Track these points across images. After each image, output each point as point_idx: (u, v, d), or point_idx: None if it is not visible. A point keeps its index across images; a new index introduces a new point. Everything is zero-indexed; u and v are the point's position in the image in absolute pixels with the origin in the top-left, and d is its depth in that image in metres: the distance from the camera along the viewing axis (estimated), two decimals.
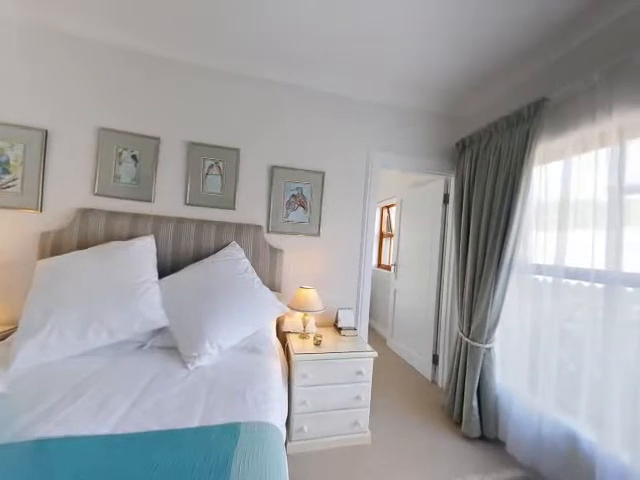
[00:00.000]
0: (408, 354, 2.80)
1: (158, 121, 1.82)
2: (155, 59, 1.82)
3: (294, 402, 1.49)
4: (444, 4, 1.34)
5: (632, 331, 1.11)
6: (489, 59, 1.70)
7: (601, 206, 1.26)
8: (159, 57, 1.82)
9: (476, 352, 1.73)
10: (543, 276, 1.52)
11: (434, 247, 2.50)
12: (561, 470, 1.33)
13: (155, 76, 1.82)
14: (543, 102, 1.47)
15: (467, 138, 2.04)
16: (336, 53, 1.74)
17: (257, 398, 1.04)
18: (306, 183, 2.04)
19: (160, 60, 1.82)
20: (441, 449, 1.62)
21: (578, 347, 1.34)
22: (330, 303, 2.01)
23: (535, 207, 1.59)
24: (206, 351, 1.26)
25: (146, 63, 1.80)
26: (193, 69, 1.87)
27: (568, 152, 1.43)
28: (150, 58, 1.81)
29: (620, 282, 1.16)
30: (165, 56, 1.82)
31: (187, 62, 1.86)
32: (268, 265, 1.89)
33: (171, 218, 1.78)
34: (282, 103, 2.02)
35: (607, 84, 1.23)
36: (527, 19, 1.39)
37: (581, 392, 1.31)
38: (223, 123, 1.92)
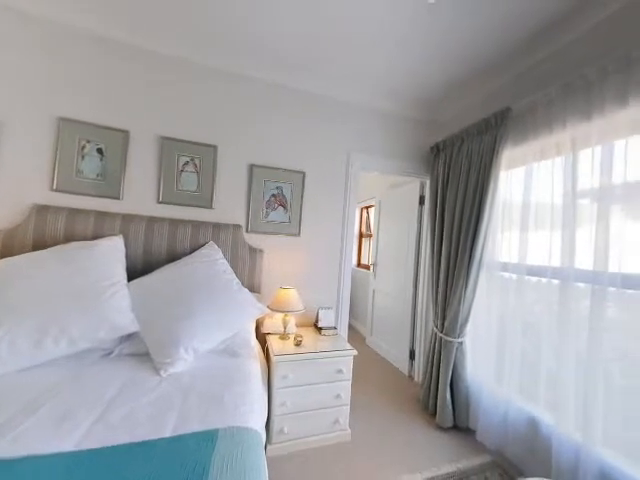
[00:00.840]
0: (386, 351, 2.88)
1: (127, 113, 1.71)
2: (125, 46, 1.70)
3: (274, 404, 1.47)
4: (416, 18, 1.39)
5: (582, 323, 1.23)
6: (461, 69, 1.80)
7: (557, 209, 1.38)
8: (129, 44, 1.71)
9: (449, 346, 1.82)
10: (509, 273, 1.63)
11: (411, 247, 2.59)
12: (524, 453, 1.44)
13: (123, 65, 1.70)
14: (507, 112, 1.58)
15: (441, 142, 2.14)
16: (317, 54, 1.75)
17: (236, 402, 1.01)
18: (287, 183, 2.02)
19: (129, 47, 1.71)
20: (417, 441, 1.68)
21: (538, 339, 1.46)
22: (311, 303, 2.01)
23: (501, 209, 1.70)
24: (180, 356, 1.20)
25: (112, 49, 1.68)
26: (166, 60, 1.78)
27: (529, 159, 1.56)
28: (117, 44, 1.69)
29: (573, 278, 1.28)
30: (135, 44, 1.71)
31: (160, 52, 1.76)
32: (247, 266, 1.85)
33: (142, 217, 1.68)
34: (263, 101, 1.99)
35: (562, 98, 1.35)
36: (495, 35, 1.49)
37: (540, 380, 1.43)
38: (199, 119, 1.85)
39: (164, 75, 1.78)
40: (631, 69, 1.11)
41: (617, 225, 1.15)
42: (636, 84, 1.09)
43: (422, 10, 1.37)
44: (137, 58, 1.73)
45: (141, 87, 1.74)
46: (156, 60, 1.76)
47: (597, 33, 1.32)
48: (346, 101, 2.19)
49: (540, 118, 1.47)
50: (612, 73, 1.16)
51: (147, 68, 1.75)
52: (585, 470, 1.16)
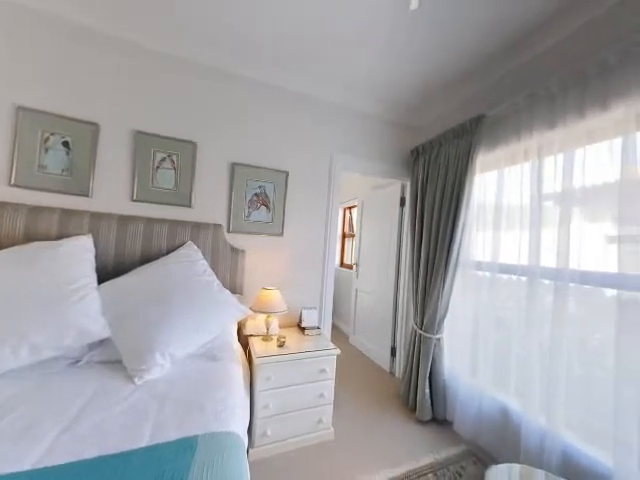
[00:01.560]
0: (369, 349, 2.93)
1: (96, 105, 1.60)
2: (95, 33, 1.59)
3: (257, 407, 1.44)
4: (398, 24, 1.44)
5: (546, 316, 1.33)
6: (439, 76, 1.88)
7: (525, 211, 1.48)
8: (100, 31, 1.60)
9: (428, 342, 1.89)
10: (482, 271, 1.72)
11: (392, 247, 2.66)
12: (496, 440, 1.53)
13: (92, 52, 1.59)
14: (481, 118, 1.67)
15: (421, 146, 2.21)
16: (300, 54, 1.75)
17: (216, 407, 0.98)
18: (269, 182, 2.00)
19: (100, 35, 1.60)
20: (398, 435, 1.73)
21: (508, 332, 1.56)
22: (294, 303, 2.00)
23: (476, 211, 1.79)
24: (156, 362, 1.14)
25: (82, 35, 1.57)
26: (142, 51, 1.69)
27: (501, 164, 1.65)
28: (88, 30, 1.58)
29: (539, 275, 1.38)
30: (107, 31, 1.61)
31: (135, 42, 1.67)
32: (229, 266, 1.80)
33: (114, 215, 1.58)
34: (245, 99, 1.95)
35: (529, 108, 1.45)
36: (470, 45, 1.57)
37: (510, 371, 1.52)
38: (178, 114, 1.77)
39: (140, 66, 1.69)
40: (587, 84, 1.22)
41: (577, 226, 1.25)
42: (591, 98, 1.20)
43: (404, 17, 1.42)
44: (109, 46, 1.62)
45: (113, 78, 1.64)
46: (131, 50, 1.67)
47: (560, 48, 1.43)
48: (330, 102, 2.21)
49: (510, 125, 1.56)
50: (571, 87, 1.27)
51: (121, 57, 1.65)
52: (550, 452, 1.25)
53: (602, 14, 1.26)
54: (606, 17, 1.25)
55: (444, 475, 1.43)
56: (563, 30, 1.40)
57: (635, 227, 1.06)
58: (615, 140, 1.14)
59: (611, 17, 1.24)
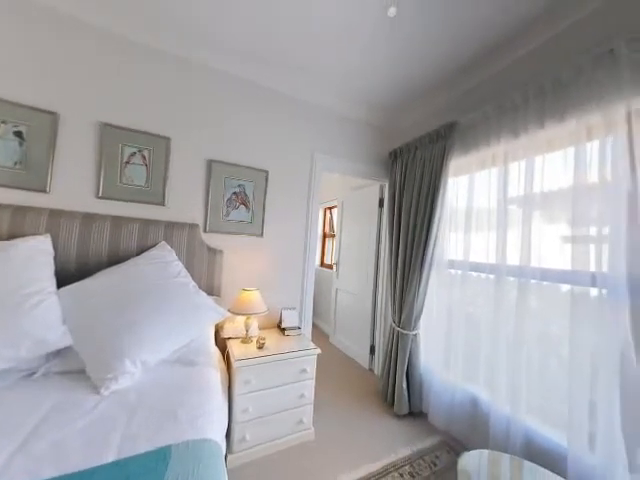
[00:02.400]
0: (349, 348, 2.97)
1: (55, 92, 1.47)
2: (55, 13, 1.46)
3: (235, 411, 1.41)
4: (377, 30, 1.47)
5: (511, 311, 1.44)
6: (416, 82, 1.95)
7: (493, 213, 1.58)
8: (62, 12, 1.47)
9: (405, 339, 1.96)
10: (455, 270, 1.82)
11: (371, 247, 2.72)
12: (467, 429, 1.62)
13: (51, 34, 1.46)
14: (455, 125, 1.76)
15: (398, 149, 2.28)
16: (281, 52, 1.73)
17: (192, 414, 0.94)
18: (249, 181, 1.95)
19: (62, 16, 1.47)
20: (377, 431, 1.77)
21: (478, 327, 1.66)
22: (274, 304, 1.98)
23: (449, 212, 1.89)
24: (126, 370, 1.07)
25: (38, 15, 1.43)
26: (109, 35, 1.57)
27: (472, 168, 1.76)
28: (46, 9, 1.44)
29: (505, 273, 1.49)
30: (71, 12, 1.48)
31: (102, 26, 1.55)
32: (206, 267, 1.74)
33: (76, 213, 1.46)
34: (224, 95, 1.89)
35: (497, 117, 1.56)
36: (444, 54, 1.65)
37: (480, 363, 1.62)
38: (150, 107, 1.68)
39: (107, 53, 1.57)
40: (545, 98, 1.33)
41: (537, 228, 1.36)
42: (550, 110, 1.31)
43: (382, 23, 1.45)
44: (72, 29, 1.49)
45: (76, 64, 1.51)
46: (96, 35, 1.55)
47: (523, 63, 1.55)
48: (310, 102, 2.21)
49: (480, 133, 1.66)
50: (532, 99, 1.38)
51: (85, 42, 1.52)
52: (514, 436, 1.35)
53: (560, 33, 1.39)
54: (563, 36, 1.38)
55: (420, 465, 1.49)
56: (526, 47, 1.51)
57: (585, 228, 1.18)
58: (569, 149, 1.26)
59: (567, 36, 1.36)
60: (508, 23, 1.41)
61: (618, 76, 1.09)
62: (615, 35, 1.13)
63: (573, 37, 1.33)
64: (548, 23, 1.38)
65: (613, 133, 1.11)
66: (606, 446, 1.06)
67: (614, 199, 1.10)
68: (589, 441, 1.12)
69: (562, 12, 1.32)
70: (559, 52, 1.38)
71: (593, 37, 1.24)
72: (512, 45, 1.54)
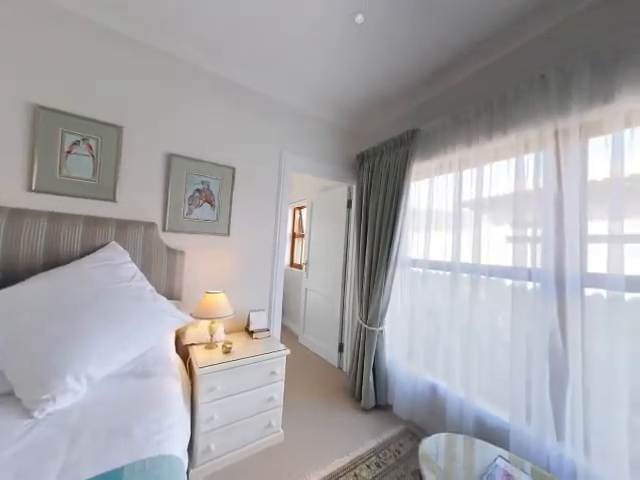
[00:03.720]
0: (318, 347, 3.00)
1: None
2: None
3: (199, 421, 1.33)
4: (345, 35, 1.51)
5: (465, 304, 1.58)
6: (381, 89, 2.04)
7: (449, 215, 1.73)
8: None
9: (372, 335, 2.04)
10: (417, 268, 1.94)
11: (340, 247, 2.78)
12: (427, 415, 1.74)
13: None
14: (416, 132, 1.88)
15: (365, 152, 2.36)
16: (250, 48, 1.67)
17: (149, 429, 0.87)
18: (214, 178, 1.86)
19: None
20: (345, 426, 1.81)
21: (437, 320, 1.79)
22: (241, 306, 1.91)
23: (412, 214, 2.01)
24: (67, 388, 0.95)
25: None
26: (49, 5, 1.37)
27: (432, 173, 1.89)
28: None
29: (460, 270, 1.63)
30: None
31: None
32: (165, 270, 1.61)
33: (2, 208, 1.25)
34: (187, 86, 1.77)
35: (453, 127, 1.70)
36: (406, 68, 1.74)
37: (438, 353, 1.75)
38: (99, 91, 1.50)
39: (48, 29, 1.37)
40: (493, 112, 1.49)
41: (485, 229, 1.52)
42: (496, 124, 1.47)
43: (350, 30, 1.49)
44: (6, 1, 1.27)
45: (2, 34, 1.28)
46: (35, 3, 1.33)
47: (475, 79, 1.71)
48: (280, 101, 2.17)
49: (439, 140, 1.80)
50: (482, 113, 1.53)
51: (15, 10, 1.30)
52: (467, 418, 1.49)
53: (505, 56, 1.56)
54: (507, 59, 1.55)
55: (385, 455, 1.56)
56: (477, 65, 1.67)
57: (523, 230, 1.35)
58: (511, 160, 1.43)
59: (509, 60, 1.54)
60: (460, 43, 1.55)
61: (548, 99, 1.26)
62: (546, 63, 1.31)
63: (514, 61, 1.51)
64: (495, 46, 1.54)
65: (544, 148, 1.29)
66: (539, 419, 1.22)
67: (545, 205, 1.27)
68: (526, 416, 1.28)
69: (505, 39, 1.48)
70: (504, 73, 1.55)
71: (530, 63, 1.42)
72: (465, 62, 1.69)
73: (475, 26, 1.43)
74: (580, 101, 1.16)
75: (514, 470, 1.01)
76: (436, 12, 1.36)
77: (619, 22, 1.13)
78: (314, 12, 1.41)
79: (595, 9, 1.21)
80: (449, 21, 1.41)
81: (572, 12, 1.27)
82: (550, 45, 1.35)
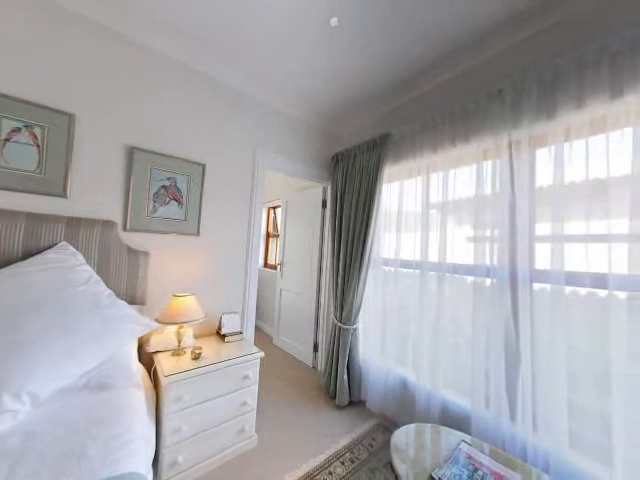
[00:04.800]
0: (293, 347, 2.98)
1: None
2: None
3: (165, 434, 1.25)
4: (320, 36, 1.52)
5: (432, 300, 1.68)
6: (354, 93, 2.08)
7: (418, 216, 1.82)
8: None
9: (346, 333, 2.07)
10: (388, 267, 2.02)
11: (315, 247, 2.79)
12: (398, 408, 1.81)
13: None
14: (388, 136, 1.96)
15: (340, 154, 2.40)
16: (219, 36, 1.61)
17: (107, 448, 0.79)
18: (182, 174, 1.75)
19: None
20: (320, 425, 1.83)
21: (407, 316, 1.88)
22: (213, 309, 1.83)
23: (384, 215, 2.08)
24: (5, 408, 0.83)
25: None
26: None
27: (402, 176, 1.98)
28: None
29: (427, 268, 1.73)
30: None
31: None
32: (126, 272, 1.49)
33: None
34: (154, 74, 1.65)
35: (421, 133, 1.80)
36: (378, 74, 1.80)
37: (408, 347, 1.84)
38: (45, 73, 1.34)
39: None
40: (456, 121, 1.60)
41: (450, 230, 1.63)
42: (459, 132, 1.59)
43: (325, 32, 1.50)
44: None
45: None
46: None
47: (443, 89, 1.82)
48: (256, 98, 2.12)
49: (409, 145, 1.89)
50: (447, 122, 1.64)
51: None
52: (434, 407, 1.58)
53: (466, 69, 1.68)
54: (469, 72, 1.67)
55: (359, 450, 1.60)
56: (442, 76, 1.78)
57: (482, 231, 1.47)
58: (472, 166, 1.55)
59: (471, 74, 1.66)
60: (427, 54, 1.64)
61: (503, 112, 1.39)
62: (503, 79, 1.44)
63: (476, 75, 1.63)
64: (459, 60, 1.66)
65: (500, 156, 1.42)
66: (496, 404, 1.34)
67: (501, 208, 1.40)
68: (485, 401, 1.39)
69: (467, 54, 1.60)
70: (466, 85, 1.67)
71: (489, 78, 1.55)
72: (432, 73, 1.79)
73: (438, 40, 1.52)
74: (529, 116, 1.30)
75: (475, 452, 1.10)
76: (403, 24, 1.43)
77: (560, 48, 1.28)
78: (290, 11, 1.40)
79: (542, 34, 1.36)
80: (416, 33, 1.48)
81: (523, 35, 1.42)
82: (506, 63, 1.49)
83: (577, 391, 1.15)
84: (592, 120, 1.15)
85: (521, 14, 1.34)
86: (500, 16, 1.36)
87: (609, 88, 1.09)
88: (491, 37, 1.48)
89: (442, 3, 1.30)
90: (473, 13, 1.35)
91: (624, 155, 1.06)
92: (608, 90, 1.09)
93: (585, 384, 1.14)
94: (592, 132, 1.15)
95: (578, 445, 1.13)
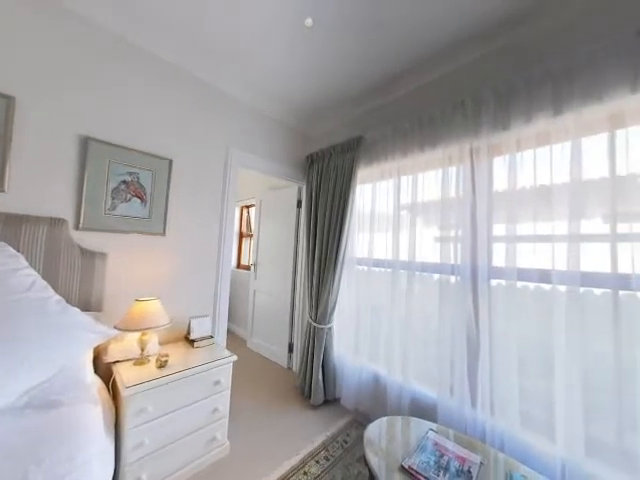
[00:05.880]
0: (267, 349, 2.92)
1: None
2: None
3: (125, 450, 1.15)
4: (295, 37, 1.51)
5: (402, 297, 1.76)
6: (328, 94, 2.11)
7: (390, 217, 1.89)
8: None
9: (321, 333, 2.09)
10: (362, 266, 2.07)
11: (290, 247, 2.76)
12: (371, 403, 1.87)
13: None
14: (361, 139, 2.01)
15: (315, 154, 2.41)
16: (192, 32, 1.53)
17: (54, 473, 0.71)
18: (145, 169, 1.63)
19: None
20: (295, 426, 1.82)
21: (379, 313, 1.94)
22: (181, 313, 1.73)
23: (357, 216, 2.13)
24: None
25: None
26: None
27: (375, 178, 2.04)
28: None
29: (399, 267, 1.80)
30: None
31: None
32: (78, 276, 1.35)
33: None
34: (118, 63, 1.51)
35: (392, 138, 1.87)
36: (351, 77, 1.84)
37: (380, 343, 1.90)
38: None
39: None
40: (423, 128, 1.70)
41: (419, 230, 1.72)
42: (427, 138, 1.68)
43: (300, 31, 1.50)
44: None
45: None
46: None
47: (413, 96, 1.91)
48: (231, 94, 2.05)
49: (381, 148, 1.96)
50: (416, 128, 1.73)
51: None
52: (404, 399, 1.66)
53: (434, 79, 1.79)
54: (436, 83, 1.78)
55: (334, 447, 1.62)
56: (411, 85, 1.87)
57: (447, 231, 1.57)
58: (439, 170, 1.65)
59: (438, 84, 1.77)
60: (397, 62, 1.71)
61: (466, 121, 1.50)
62: (466, 91, 1.55)
63: (443, 85, 1.74)
64: (427, 70, 1.76)
65: (463, 163, 1.53)
66: (459, 392, 1.44)
67: (463, 211, 1.50)
68: (450, 391, 1.49)
69: (434, 64, 1.70)
70: (434, 94, 1.77)
71: (454, 89, 1.66)
72: (402, 81, 1.87)
73: (410, 48, 1.60)
74: (487, 126, 1.42)
75: (441, 439, 1.17)
76: (377, 29, 1.47)
77: (514, 66, 1.42)
78: (265, 8, 1.37)
79: (498, 53, 1.49)
80: (388, 40, 1.54)
81: (485, 51, 1.54)
82: (468, 76, 1.61)
83: (527, 376, 1.28)
84: (538, 133, 1.29)
85: (479, 34, 1.46)
86: (464, 32, 1.46)
87: (552, 106, 1.23)
88: (456, 50, 1.59)
89: (416, 12, 1.36)
90: (444, 25, 1.42)
91: (564, 165, 1.21)
92: (551, 108, 1.23)
93: (533, 369, 1.27)
94: (539, 144, 1.29)
95: (528, 424, 1.26)
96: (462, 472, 1.00)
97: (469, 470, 1.01)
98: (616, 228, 1.09)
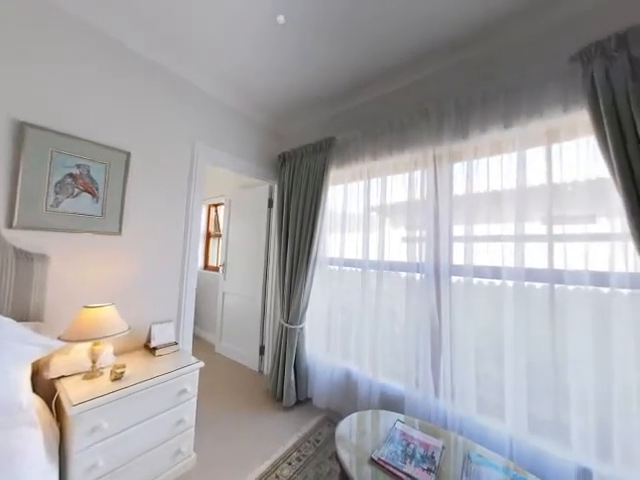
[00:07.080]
0: (237, 353, 2.82)
1: None
2: None
3: (75, 474, 1.03)
4: (267, 32, 1.48)
5: (372, 295, 1.82)
6: (299, 94, 2.10)
7: (360, 218, 1.94)
8: None
9: (292, 333, 2.07)
10: (333, 266, 2.10)
11: (261, 247, 2.70)
12: (342, 400, 1.90)
13: None
14: (333, 140, 2.03)
15: (287, 153, 2.38)
16: (154, 14, 1.41)
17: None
18: (97, 161, 1.47)
19: None
20: (266, 430, 1.78)
21: (350, 312, 1.99)
22: (140, 319, 1.60)
23: (329, 216, 2.16)
24: None
25: None
26: None
27: (346, 179, 2.08)
28: None
29: (368, 266, 1.86)
30: None
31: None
32: (11, 281, 1.17)
33: None
34: (60, 36, 1.33)
35: (362, 141, 1.92)
36: (323, 79, 1.86)
37: (351, 341, 1.95)
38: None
39: None
40: (393, 132, 1.77)
41: (387, 231, 1.79)
42: (395, 142, 1.75)
43: (272, 28, 1.47)
44: None
45: None
46: None
47: (381, 101, 1.98)
48: (198, 87, 1.95)
49: (352, 151, 2.00)
50: (387, 132, 1.80)
51: None
52: (374, 394, 1.71)
53: (403, 87, 1.87)
54: (403, 91, 1.87)
55: (306, 447, 1.62)
56: (381, 91, 1.94)
57: (413, 232, 1.66)
58: (406, 174, 1.73)
59: (405, 91, 1.86)
60: (367, 68, 1.77)
61: (430, 129, 1.60)
62: (431, 100, 1.65)
63: (410, 93, 1.83)
64: (395, 78, 1.84)
65: (427, 167, 1.62)
66: (423, 383, 1.53)
67: (427, 212, 1.60)
68: (415, 383, 1.58)
69: (404, 73, 1.79)
70: (403, 101, 1.85)
71: (421, 97, 1.75)
72: (372, 86, 1.94)
73: (380, 54, 1.66)
74: (449, 134, 1.53)
75: (408, 429, 1.23)
76: (346, 37, 1.51)
77: (473, 79, 1.54)
78: (234, 2, 1.32)
79: (459, 66, 1.61)
80: (357, 48, 1.58)
81: (447, 64, 1.65)
82: (432, 85, 1.72)
83: (483, 364, 1.41)
84: (492, 143, 1.42)
85: (440, 47, 1.56)
86: (427, 45, 1.55)
87: (502, 119, 1.37)
88: (423, 61, 1.68)
89: (388, 18, 1.40)
90: (411, 35, 1.49)
91: (512, 173, 1.35)
92: (502, 121, 1.37)
93: (488, 358, 1.40)
94: (492, 153, 1.43)
95: (484, 408, 1.38)
96: (427, 458, 1.06)
97: (432, 455, 1.08)
98: (552, 230, 1.25)
